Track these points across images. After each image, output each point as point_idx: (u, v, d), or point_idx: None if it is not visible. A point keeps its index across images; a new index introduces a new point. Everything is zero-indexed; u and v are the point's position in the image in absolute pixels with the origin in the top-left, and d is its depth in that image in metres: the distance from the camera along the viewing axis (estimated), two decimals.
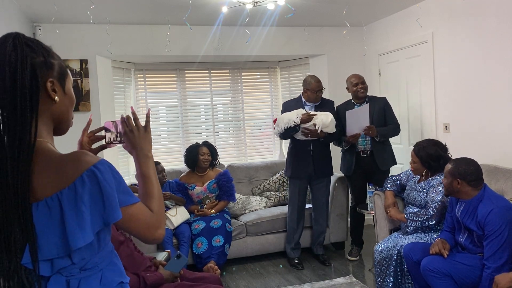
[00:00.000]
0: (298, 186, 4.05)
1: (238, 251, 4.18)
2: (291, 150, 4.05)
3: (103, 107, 4.51)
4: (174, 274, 2.45)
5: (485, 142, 3.67)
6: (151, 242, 1.18)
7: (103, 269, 1.11)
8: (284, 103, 4.19)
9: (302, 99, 4.07)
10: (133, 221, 1.11)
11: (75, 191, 1.01)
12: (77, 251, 1.03)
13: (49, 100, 1.09)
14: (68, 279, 1.06)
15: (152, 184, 1.22)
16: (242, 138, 5.48)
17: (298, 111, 3.85)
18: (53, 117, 1.13)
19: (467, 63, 3.80)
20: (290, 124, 3.79)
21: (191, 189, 4.22)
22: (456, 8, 3.86)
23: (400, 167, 4.50)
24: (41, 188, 1.02)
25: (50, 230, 1.01)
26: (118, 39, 4.45)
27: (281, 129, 3.86)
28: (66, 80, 1.14)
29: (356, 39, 5.14)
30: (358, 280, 3.67)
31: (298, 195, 4.06)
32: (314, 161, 3.96)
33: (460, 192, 2.63)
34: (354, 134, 3.86)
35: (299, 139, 3.94)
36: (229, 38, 4.81)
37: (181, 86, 5.23)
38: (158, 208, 1.19)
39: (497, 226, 2.43)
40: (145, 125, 1.28)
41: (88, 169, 1.02)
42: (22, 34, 1.08)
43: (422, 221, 2.96)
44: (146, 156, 1.25)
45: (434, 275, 2.57)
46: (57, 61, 1.12)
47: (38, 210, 1.01)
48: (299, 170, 4.00)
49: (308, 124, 3.81)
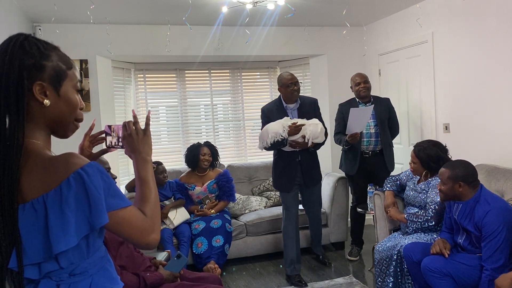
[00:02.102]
0: (289, 196, 3.73)
1: (238, 251, 4.17)
2: (277, 161, 3.73)
3: (103, 107, 4.51)
4: (174, 274, 2.45)
5: (485, 142, 3.67)
6: (144, 247, 1.14)
7: (93, 275, 1.09)
8: (263, 109, 3.77)
9: (282, 101, 3.72)
10: (124, 225, 1.08)
11: (60, 194, 0.99)
12: (63, 255, 1.02)
13: (38, 103, 1.07)
14: (58, 283, 1.05)
15: (149, 188, 1.20)
16: (242, 138, 5.48)
17: (284, 122, 3.49)
18: (47, 120, 1.10)
19: (467, 63, 3.80)
20: (277, 138, 3.46)
21: (191, 189, 4.22)
22: (456, 8, 3.86)
23: (400, 167, 4.50)
24: (29, 190, 1.01)
25: (35, 233, 1.00)
26: (118, 39, 4.45)
27: (267, 144, 3.52)
28: (62, 83, 1.10)
29: (356, 39, 5.13)
30: (358, 280, 3.67)
31: (292, 206, 3.73)
32: (304, 172, 3.68)
33: (461, 195, 2.61)
34: (353, 134, 3.84)
35: (286, 151, 3.63)
36: (229, 38, 4.81)
37: (181, 86, 5.23)
38: (152, 212, 1.15)
39: (495, 227, 2.42)
40: (144, 128, 1.26)
41: (75, 171, 1.01)
42: (25, 35, 1.07)
43: (422, 222, 2.96)
44: (145, 160, 1.23)
45: (434, 275, 2.57)
46: (53, 63, 1.08)
47: (24, 212, 1.00)
48: (288, 183, 3.68)
49: (296, 136, 3.48)
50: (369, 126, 4.01)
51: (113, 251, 2.34)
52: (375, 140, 4.04)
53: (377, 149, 4.05)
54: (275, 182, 3.84)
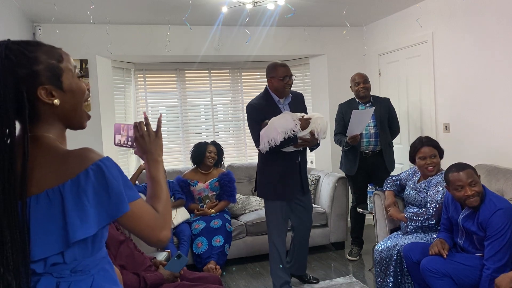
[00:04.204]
0: (280, 208, 3.26)
1: (238, 251, 4.17)
2: (272, 165, 3.22)
3: (103, 107, 4.51)
4: (174, 274, 2.45)
5: (485, 142, 3.67)
6: (156, 244, 1.18)
7: (94, 274, 1.10)
8: (254, 104, 3.23)
9: (272, 95, 3.26)
10: (137, 219, 1.11)
11: (78, 184, 1.01)
12: (70, 249, 1.03)
13: (49, 105, 1.08)
14: (58, 281, 1.05)
15: (160, 187, 1.24)
16: (242, 138, 5.48)
17: (293, 115, 3.07)
18: (61, 117, 1.12)
19: (467, 63, 3.80)
20: (288, 134, 2.99)
21: (193, 185, 4.26)
22: (456, 8, 3.86)
23: (400, 167, 4.50)
24: (43, 181, 1.02)
25: (50, 224, 1.01)
26: (118, 39, 4.45)
27: (276, 143, 3.00)
28: (61, 79, 1.09)
29: (356, 39, 5.14)
30: (358, 280, 3.67)
31: (283, 220, 3.29)
32: (302, 176, 3.28)
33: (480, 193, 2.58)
34: (353, 136, 3.83)
35: (286, 152, 3.16)
36: (229, 38, 4.81)
37: (181, 86, 5.24)
38: (164, 210, 1.19)
39: (501, 227, 2.42)
40: (156, 130, 1.32)
41: (94, 163, 1.03)
42: (4, 45, 1.04)
43: (422, 220, 2.96)
44: (156, 160, 1.28)
45: (434, 275, 2.57)
46: (43, 65, 1.06)
47: (38, 202, 1.01)
48: (286, 191, 3.20)
49: (304, 132, 3.07)
50: (368, 127, 4.01)
51: (114, 250, 2.34)
52: (374, 140, 4.04)
53: (377, 149, 4.05)
54: (266, 189, 3.29)
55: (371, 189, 3.79)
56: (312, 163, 5.31)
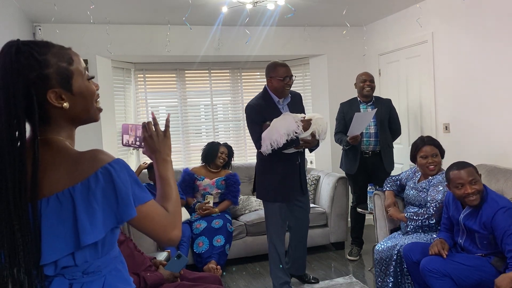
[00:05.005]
0: (280, 209, 3.27)
1: (238, 251, 4.17)
2: (273, 167, 3.19)
3: (103, 107, 4.33)
4: (174, 274, 2.45)
5: (485, 142, 3.67)
6: (167, 243, 1.17)
7: (106, 275, 1.10)
8: (254, 105, 3.20)
9: (271, 95, 3.22)
10: (148, 220, 1.11)
11: (88, 187, 1.01)
12: (81, 251, 1.03)
13: (58, 108, 1.07)
14: (71, 282, 1.06)
15: (170, 186, 1.25)
16: (242, 138, 5.48)
17: (295, 116, 3.07)
18: (71, 119, 1.12)
19: (467, 63, 3.80)
20: (291, 136, 2.99)
21: (199, 180, 4.30)
22: (456, 8, 3.86)
23: (400, 167, 4.50)
24: (53, 184, 1.02)
25: (60, 226, 1.01)
26: (118, 39, 4.45)
27: (279, 145, 2.99)
28: (71, 82, 1.08)
29: (356, 39, 5.13)
30: (358, 280, 3.67)
31: (282, 221, 3.31)
32: (301, 176, 3.30)
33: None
34: (354, 136, 3.84)
35: (286, 153, 3.16)
36: (229, 38, 4.81)
37: (181, 86, 5.24)
38: (174, 209, 1.20)
39: (510, 223, 2.41)
40: (164, 130, 1.32)
41: (103, 166, 1.03)
42: (16, 46, 1.03)
43: (423, 219, 2.96)
44: (165, 160, 1.29)
45: (433, 275, 2.57)
46: (54, 68, 1.05)
47: (48, 205, 1.01)
48: (287, 192, 3.21)
49: (306, 133, 3.08)
50: (369, 126, 4.02)
51: None
52: (374, 140, 4.04)
53: (377, 149, 4.06)
54: (266, 191, 3.26)
55: (371, 189, 3.79)
56: (312, 163, 5.31)
